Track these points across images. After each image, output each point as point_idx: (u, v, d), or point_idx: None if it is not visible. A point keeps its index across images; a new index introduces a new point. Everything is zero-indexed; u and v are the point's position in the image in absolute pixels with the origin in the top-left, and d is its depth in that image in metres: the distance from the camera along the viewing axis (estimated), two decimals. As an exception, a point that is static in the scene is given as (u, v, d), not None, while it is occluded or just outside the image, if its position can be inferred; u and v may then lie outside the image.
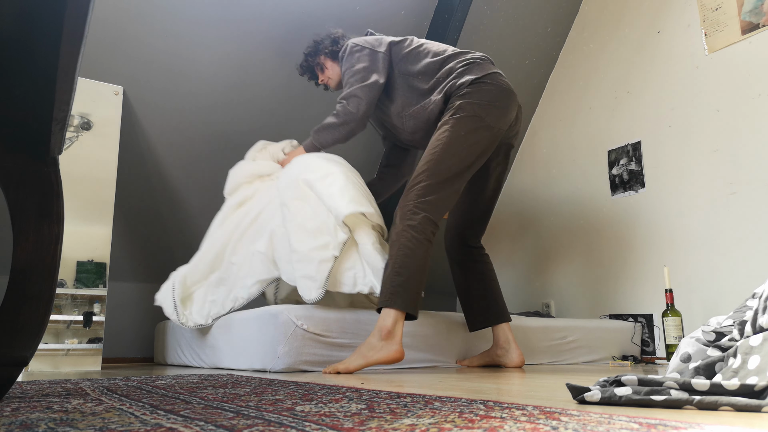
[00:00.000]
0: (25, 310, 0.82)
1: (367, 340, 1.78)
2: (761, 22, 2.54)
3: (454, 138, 1.96)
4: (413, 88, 2.16)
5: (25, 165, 0.84)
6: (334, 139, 2.20)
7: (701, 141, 2.71)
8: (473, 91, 2.03)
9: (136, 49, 2.54)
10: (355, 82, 2.15)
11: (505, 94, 2.07)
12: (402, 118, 2.19)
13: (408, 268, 1.82)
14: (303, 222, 2.02)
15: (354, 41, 2.26)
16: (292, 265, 1.99)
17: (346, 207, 1.98)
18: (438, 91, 2.10)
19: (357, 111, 2.12)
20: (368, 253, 2.00)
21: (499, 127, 2.03)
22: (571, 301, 3.24)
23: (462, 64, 2.12)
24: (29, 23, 0.64)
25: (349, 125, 2.15)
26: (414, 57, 2.20)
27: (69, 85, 0.68)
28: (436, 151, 1.96)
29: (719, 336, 1.01)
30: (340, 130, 2.16)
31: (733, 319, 1.02)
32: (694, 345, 1.03)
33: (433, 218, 1.90)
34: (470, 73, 2.07)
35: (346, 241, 1.99)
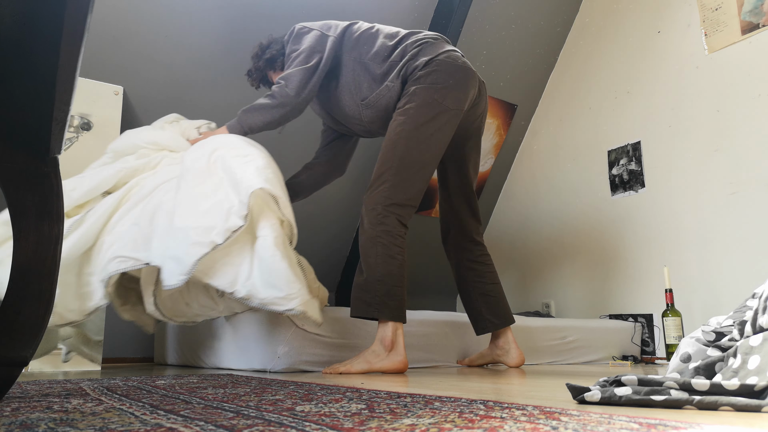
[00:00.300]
0: (25, 310, 0.82)
1: (371, 348, 1.76)
2: (761, 22, 2.54)
3: (414, 128, 1.85)
4: (368, 73, 1.99)
5: (25, 165, 0.84)
6: (264, 121, 1.96)
7: (701, 141, 2.71)
8: (427, 73, 1.90)
9: (136, 49, 2.54)
10: (297, 63, 1.97)
11: (462, 72, 1.93)
12: (359, 108, 2.02)
13: (391, 275, 1.76)
14: (196, 198, 1.66)
15: (302, 24, 2.10)
16: (166, 243, 1.61)
17: (257, 182, 1.66)
18: (394, 75, 1.95)
19: (296, 94, 1.94)
20: (266, 248, 1.62)
21: (459, 108, 1.91)
22: (571, 301, 3.24)
23: (415, 45, 1.97)
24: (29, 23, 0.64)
25: (285, 108, 1.95)
26: (366, 39, 2.03)
27: (69, 85, 0.68)
28: (398, 145, 1.85)
29: (719, 336, 1.01)
30: (272, 113, 1.95)
31: (733, 319, 1.02)
32: (694, 345, 1.03)
33: (403, 220, 1.83)
34: (424, 54, 1.94)
35: (239, 230, 1.60)
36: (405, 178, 1.83)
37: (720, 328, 1.03)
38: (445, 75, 1.90)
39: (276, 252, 1.62)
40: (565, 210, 3.34)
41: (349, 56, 2.02)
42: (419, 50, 1.96)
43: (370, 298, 1.76)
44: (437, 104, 1.87)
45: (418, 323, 2.18)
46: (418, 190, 1.86)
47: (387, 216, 1.80)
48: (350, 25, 2.09)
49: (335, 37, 2.02)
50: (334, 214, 3.24)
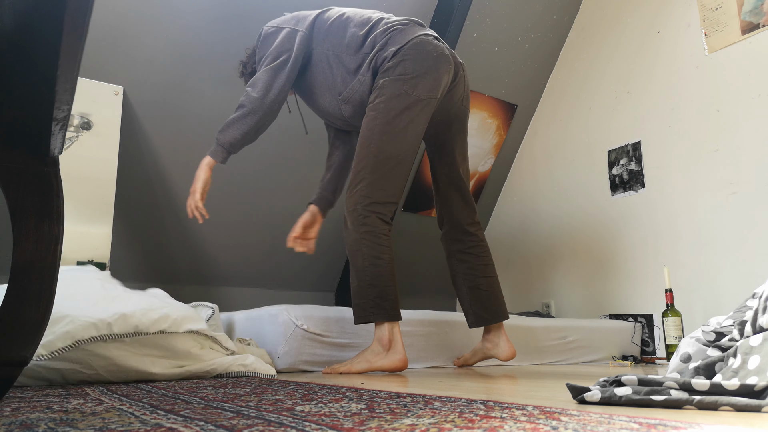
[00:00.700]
0: (25, 310, 0.82)
1: (370, 347, 1.76)
2: (761, 22, 2.54)
3: (386, 122, 1.80)
4: (342, 66, 1.92)
5: (25, 165, 0.84)
6: (241, 132, 1.88)
7: (701, 141, 2.71)
8: (395, 64, 1.83)
9: (136, 49, 2.54)
10: (263, 66, 1.91)
11: (431, 59, 1.85)
12: (338, 103, 1.95)
13: (380, 277, 1.74)
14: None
15: (269, 24, 2.01)
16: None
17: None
18: (365, 68, 1.88)
19: (263, 96, 1.87)
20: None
21: (431, 97, 1.84)
22: (571, 301, 3.24)
23: (384, 33, 1.89)
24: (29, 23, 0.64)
25: (256, 114, 1.87)
26: (337, 29, 1.95)
27: (69, 85, 0.68)
28: (371, 142, 1.81)
29: (719, 336, 1.01)
30: (246, 122, 1.87)
31: (733, 319, 1.02)
32: (694, 345, 1.03)
33: (384, 218, 1.80)
34: (392, 43, 1.86)
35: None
36: (382, 175, 1.79)
37: (720, 328, 1.03)
38: (413, 64, 1.83)
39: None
40: (565, 210, 3.34)
41: (321, 49, 1.95)
42: (388, 39, 1.88)
43: (365, 303, 1.76)
44: (407, 95, 1.81)
45: (419, 323, 2.18)
46: (396, 185, 1.82)
47: (368, 216, 1.78)
48: (321, 14, 2.00)
49: (304, 31, 1.94)
50: (334, 214, 3.24)
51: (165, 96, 2.67)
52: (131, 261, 2.86)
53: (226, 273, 3.05)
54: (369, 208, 1.78)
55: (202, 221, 1.94)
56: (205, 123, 2.79)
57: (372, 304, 1.75)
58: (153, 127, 2.70)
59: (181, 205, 2.87)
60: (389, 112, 1.81)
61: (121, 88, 2.56)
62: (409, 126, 1.81)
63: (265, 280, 3.17)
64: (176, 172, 2.81)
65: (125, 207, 2.73)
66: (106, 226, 2.48)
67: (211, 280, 3.03)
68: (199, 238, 2.94)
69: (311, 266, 3.28)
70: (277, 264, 3.15)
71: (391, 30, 1.90)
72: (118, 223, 2.69)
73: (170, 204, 2.86)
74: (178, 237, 2.90)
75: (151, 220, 2.85)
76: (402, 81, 1.82)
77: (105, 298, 1.50)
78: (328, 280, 3.38)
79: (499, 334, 2.03)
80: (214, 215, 2.92)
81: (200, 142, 2.81)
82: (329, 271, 3.36)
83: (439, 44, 1.91)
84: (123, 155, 2.61)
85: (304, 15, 2.00)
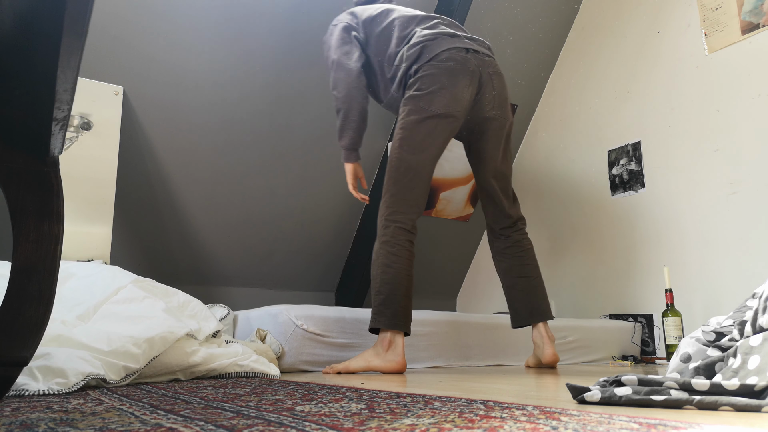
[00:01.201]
0: (25, 310, 0.82)
1: (371, 348, 1.80)
2: (761, 22, 2.54)
3: (405, 137, 1.91)
4: (383, 75, 2.08)
5: (25, 165, 0.84)
6: (351, 130, 2.04)
7: (701, 141, 2.71)
8: (415, 80, 1.94)
9: (136, 48, 2.54)
10: (331, 67, 2.07)
11: (448, 74, 1.92)
12: (383, 107, 2.19)
13: (387, 284, 1.80)
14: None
15: (334, 21, 2.16)
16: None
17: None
18: (397, 82, 2.02)
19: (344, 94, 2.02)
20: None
21: (450, 111, 1.91)
22: (571, 301, 3.24)
23: (412, 48, 1.99)
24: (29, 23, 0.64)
25: (349, 110, 2.02)
26: (384, 38, 2.08)
27: (69, 85, 0.68)
28: (392, 156, 1.93)
29: (719, 336, 1.01)
30: (348, 120, 2.03)
31: (733, 319, 1.02)
32: (694, 345, 1.03)
33: (405, 226, 1.87)
34: (418, 60, 1.97)
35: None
36: (403, 186, 1.89)
37: (720, 328, 1.03)
38: (430, 80, 1.92)
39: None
40: (565, 210, 3.34)
41: (371, 53, 2.11)
42: (414, 55, 1.98)
43: (373, 309, 1.83)
44: (423, 111, 1.91)
45: (419, 323, 2.18)
46: (416, 194, 1.90)
47: (387, 227, 1.87)
48: (376, 16, 2.13)
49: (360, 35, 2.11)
50: (334, 214, 3.24)
51: (165, 96, 2.67)
52: (131, 261, 2.86)
53: (226, 273, 3.05)
54: (390, 218, 1.88)
55: (368, 201, 2.25)
56: (205, 123, 2.79)
57: (377, 310, 1.81)
58: (153, 127, 2.70)
59: (181, 204, 2.87)
60: (408, 127, 1.92)
61: (121, 88, 2.56)
62: (426, 139, 1.91)
63: (265, 280, 3.17)
64: (176, 172, 2.81)
65: (125, 207, 2.73)
66: (106, 226, 2.48)
67: (211, 280, 3.03)
68: (199, 238, 2.93)
69: (311, 266, 3.28)
70: (277, 264, 3.15)
71: (419, 44, 1.99)
72: (118, 223, 2.69)
73: (170, 204, 2.86)
74: (178, 237, 2.90)
75: (151, 220, 2.84)
76: (419, 98, 1.92)
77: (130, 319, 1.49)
78: (328, 280, 3.38)
79: (541, 335, 2.03)
80: (214, 215, 2.92)
81: (200, 142, 2.81)
82: (329, 271, 3.36)
83: (463, 56, 1.97)
84: (123, 155, 2.61)
85: (362, 12, 2.16)
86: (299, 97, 2.95)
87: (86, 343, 1.30)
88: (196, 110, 2.76)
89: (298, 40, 2.84)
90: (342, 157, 2.14)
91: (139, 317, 1.49)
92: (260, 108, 2.89)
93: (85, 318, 1.48)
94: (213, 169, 2.85)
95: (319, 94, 2.98)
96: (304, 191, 3.10)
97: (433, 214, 3.46)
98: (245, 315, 2.10)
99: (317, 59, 2.90)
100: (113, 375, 1.28)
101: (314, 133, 3.05)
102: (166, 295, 1.69)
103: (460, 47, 1.98)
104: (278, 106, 2.93)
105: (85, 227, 2.43)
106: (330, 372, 1.75)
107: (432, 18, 2.11)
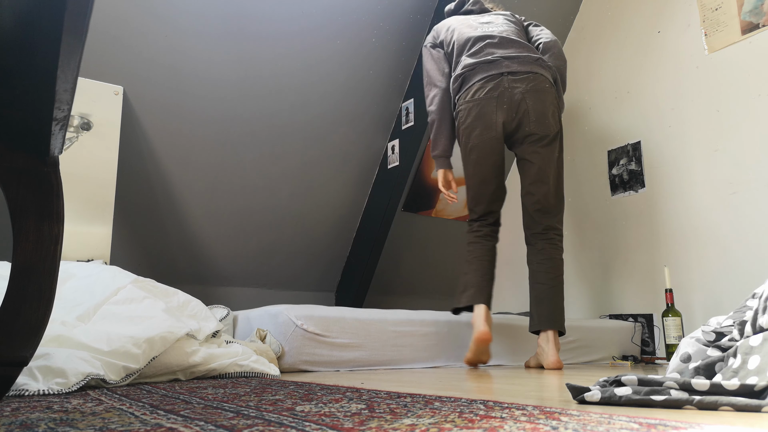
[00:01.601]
0: (25, 310, 0.82)
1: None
2: (761, 22, 2.54)
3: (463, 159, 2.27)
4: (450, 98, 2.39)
5: (25, 165, 0.84)
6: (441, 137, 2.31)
7: (701, 141, 2.71)
8: (457, 113, 2.27)
9: (136, 48, 2.54)
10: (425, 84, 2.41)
11: (481, 105, 2.18)
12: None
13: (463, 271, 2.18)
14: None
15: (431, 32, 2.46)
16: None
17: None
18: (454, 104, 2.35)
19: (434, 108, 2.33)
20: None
21: (485, 138, 2.18)
22: (571, 301, 3.24)
23: (456, 82, 2.27)
24: (29, 22, 0.64)
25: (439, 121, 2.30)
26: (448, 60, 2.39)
27: (69, 85, 0.68)
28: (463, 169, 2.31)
29: (719, 336, 1.01)
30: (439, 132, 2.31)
31: (733, 319, 1.02)
32: (694, 345, 1.03)
33: (474, 217, 2.26)
34: (457, 94, 2.28)
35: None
36: (474, 191, 2.25)
37: (720, 328, 1.03)
38: (465, 114, 2.22)
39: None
40: (566, 210, 3.34)
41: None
42: (456, 89, 2.28)
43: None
44: (465, 144, 2.24)
45: (419, 323, 2.18)
46: (483, 193, 2.23)
47: (468, 225, 2.30)
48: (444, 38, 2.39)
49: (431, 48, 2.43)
50: (334, 214, 3.24)
51: (165, 96, 2.67)
52: (131, 261, 2.86)
53: (226, 273, 3.05)
54: (470, 216, 2.29)
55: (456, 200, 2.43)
56: (205, 123, 2.79)
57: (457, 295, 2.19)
58: (153, 127, 2.70)
59: (181, 204, 2.87)
60: (462, 157, 2.28)
61: (121, 88, 2.56)
62: (477, 162, 2.21)
63: (265, 280, 3.17)
64: (176, 172, 2.81)
65: (125, 207, 2.73)
66: (106, 226, 2.48)
67: (211, 280, 3.03)
68: (199, 238, 2.93)
69: (311, 266, 3.28)
70: (277, 264, 3.15)
71: (459, 77, 2.27)
72: (118, 223, 2.69)
73: (170, 204, 2.86)
74: (178, 237, 2.90)
75: (151, 220, 2.84)
76: (460, 131, 2.26)
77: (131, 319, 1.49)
78: (329, 280, 3.38)
79: (548, 340, 2.11)
80: (214, 215, 2.92)
81: (200, 142, 2.81)
82: (329, 271, 3.36)
83: (496, 83, 2.18)
84: (123, 155, 2.61)
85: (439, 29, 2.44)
86: (299, 97, 2.95)
87: (86, 344, 1.30)
88: (196, 110, 2.76)
89: (298, 41, 2.84)
90: (436, 166, 2.37)
91: (139, 317, 1.49)
92: (260, 108, 2.89)
93: (84, 319, 1.48)
94: (213, 170, 2.85)
95: (319, 94, 2.99)
96: (304, 191, 3.11)
97: (433, 214, 3.46)
98: (245, 315, 2.10)
99: (317, 60, 2.90)
100: (113, 375, 1.28)
101: (314, 133, 3.05)
102: (166, 295, 1.69)
103: (495, 73, 2.19)
104: (278, 107, 2.93)
105: (85, 227, 2.43)
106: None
107: (483, 39, 2.28)
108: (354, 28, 2.95)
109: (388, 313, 2.17)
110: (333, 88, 3.01)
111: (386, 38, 3.06)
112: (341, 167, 3.15)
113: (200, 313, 1.69)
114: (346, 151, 3.17)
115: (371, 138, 3.19)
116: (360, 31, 2.97)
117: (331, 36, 2.91)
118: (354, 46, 2.99)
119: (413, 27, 3.11)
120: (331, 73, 2.98)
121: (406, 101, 3.20)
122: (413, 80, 3.18)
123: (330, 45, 2.92)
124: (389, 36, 3.07)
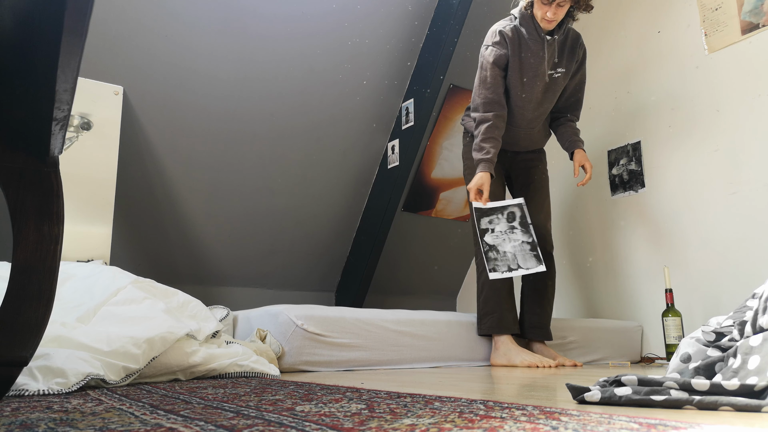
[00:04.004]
0: (25, 310, 0.82)
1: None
2: (761, 22, 2.54)
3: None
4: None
5: (25, 165, 0.84)
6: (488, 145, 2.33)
7: (701, 141, 2.71)
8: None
9: (136, 49, 2.54)
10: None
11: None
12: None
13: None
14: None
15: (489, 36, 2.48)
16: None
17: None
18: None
19: (479, 114, 2.38)
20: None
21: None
22: (571, 301, 3.24)
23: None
24: (29, 23, 0.64)
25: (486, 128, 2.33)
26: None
27: (69, 85, 0.68)
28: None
29: (719, 336, 1.01)
30: (478, 138, 2.35)
31: (733, 319, 1.02)
32: (694, 345, 1.03)
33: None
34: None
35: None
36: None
37: (720, 328, 1.03)
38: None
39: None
40: (565, 210, 3.34)
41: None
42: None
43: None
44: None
45: (419, 323, 2.18)
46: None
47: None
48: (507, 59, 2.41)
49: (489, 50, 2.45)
50: (334, 215, 3.24)
51: (165, 96, 2.67)
52: (131, 261, 2.86)
53: (226, 273, 3.05)
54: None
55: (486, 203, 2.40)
56: (205, 123, 2.79)
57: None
58: (153, 127, 2.70)
59: (181, 204, 2.87)
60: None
61: (121, 88, 2.56)
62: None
63: (265, 280, 3.17)
64: (176, 172, 2.81)
65: (125, 207, 2.73)
66: (106, 226, 2.48)
67: (211, 280, 3.03)
68: (199, 238, 2.94)
69: (311, 266, 3.28)
70: (277, 264, 3.15)
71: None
72: (118, 223, 2.69)
73: (170, 204, 2.86)
74: (178, 237, 2.90)
75: (151, 220, 2.85)
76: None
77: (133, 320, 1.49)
78: (329, 280, 3.38)
79: (541, 351, 2.40)
80: (214, 215, 2.92)
81: (200, 142, 2.81)
82: (329, 271, 3.36)
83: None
84: (123, 155, 2.61)
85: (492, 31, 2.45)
86: (299, 97, 2.95)
87: (86, 344, 1.30)
88: (196, 110, 2.76)
89: (298, 41, 2.84)
90: (478, 171, 2.32)
91: (138, 318, 1.49)
92: (260, 108, 2.89)
93: (84, 320, 1.48)
94: (213, 170, 2.85)
95: (319, 94, 2.99)
96: (304, 191, 3.11)
97: (433, 214, 3.46)
98: (245, 315, 2.10)
99: (317, 60, 2.90)
100: (113, 375, 1.28)
101: (314, 133, 3.05)
102: (166, 295, 1.69)
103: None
104: (278, 107, 2.93)
105: (85, 227, 2.43)
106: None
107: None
108: (354, 29, 2.95)
109: (388, 313, 2.17)
110: (333, 89, 3.01)
111: (386, 38, 3.06)
112: (341, 167, 3.15)
113: (200, 313, 1.69)
114: (346, 152, 3.17)
115: (371, 138, 3.19)
116: (361, 31, 2.97)
117: (331, 36, 2.91)
118: (354, 46, 2.99)
119: (413, 28, 3.11)
120: (332, 73, 2.98)
121: (406, 101, 3.20)
122: (413, 80, 3.18)
123: (330, 45, 2.92)
124: (389, 36, 3.07)
